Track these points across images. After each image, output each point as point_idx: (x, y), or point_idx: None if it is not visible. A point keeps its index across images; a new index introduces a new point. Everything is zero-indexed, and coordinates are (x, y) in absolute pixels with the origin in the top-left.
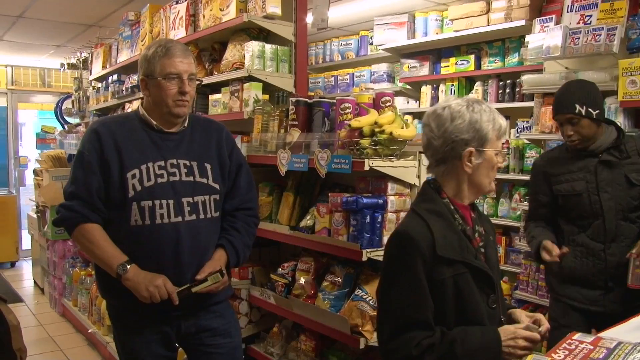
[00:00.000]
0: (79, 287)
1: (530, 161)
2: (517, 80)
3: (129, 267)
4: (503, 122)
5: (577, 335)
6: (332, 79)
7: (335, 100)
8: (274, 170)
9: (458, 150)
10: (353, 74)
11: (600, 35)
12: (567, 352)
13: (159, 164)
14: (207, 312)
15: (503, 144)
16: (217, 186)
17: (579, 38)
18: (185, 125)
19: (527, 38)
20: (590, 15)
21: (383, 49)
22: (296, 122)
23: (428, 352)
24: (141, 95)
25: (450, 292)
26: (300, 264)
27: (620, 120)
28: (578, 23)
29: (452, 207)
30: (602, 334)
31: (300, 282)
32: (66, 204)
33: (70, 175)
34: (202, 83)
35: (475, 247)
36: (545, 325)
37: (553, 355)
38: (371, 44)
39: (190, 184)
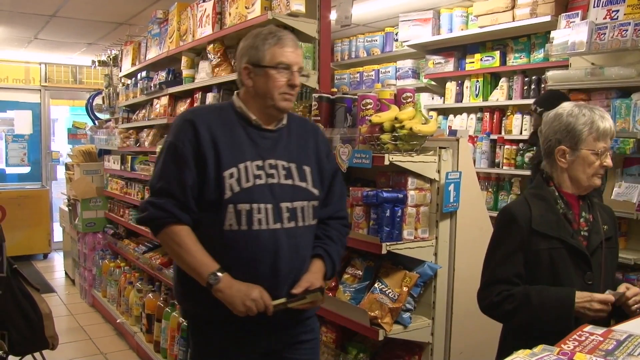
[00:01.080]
0: (108, 279)
1: None
2: (543, 76)
3: (221, 276)
4: (604, 124)
5: (589, 327)
6: (358, 75)
7: (357, 96)
8: None
9: (552, 147)
10: (378, 70)
11: (627, 30)
12: (576, 343)
13: (257, 164)
14: (302, 326)
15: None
16: (316, 192)
17: (605, 33)
18: (284, 122)
19: (553, 34)
20: (617, 10)
21: (408, 45)
22: (319, 118)
23: (508, 300)
24: (170, 92)
25: (545, 262)
26: None
27: None
28: (604, 18)
29: (557, 194)
30: (615, 327)
31: None
32: (155, 201)
33: (157, 169)
34: (228, 80)
35: (575, 229)
36: (633, 289)
37: (562, 345)
38: (396, 40)
39: (289, 188)
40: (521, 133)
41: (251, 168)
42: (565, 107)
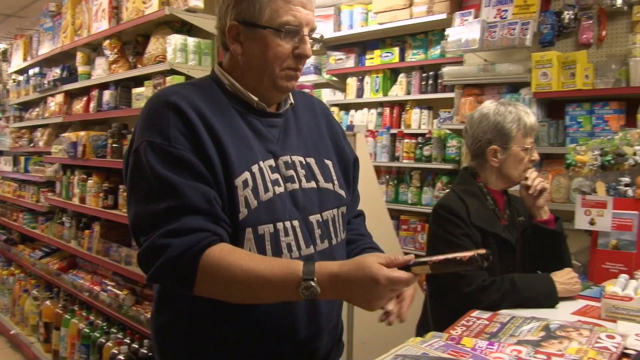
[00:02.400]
0: (1, 288)
1: (452, 151)
2: (439, 72)
3: (315, 282)
4: (529, 120)
5: (476, 312)
6: None
7: None
8: None
9: (483, 147)
10: None
11: (514, 29)
12: (464, 328)
13: (269, 164)
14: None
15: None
16: (343, 193)
17: (495, 32)
18: (291, 100)
19: (448, 31)
20: (506, 10)
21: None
22: None
23: (495, 285)
24: (65, 89)
25: None
26: None
27: (534, 110)
28: (495, 17)
29: (485, 190)
30: (501, 311)
31: None
32: (171, 228)
33: (142, 191)
34: (126, 77)
35: (504, 224)
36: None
37: (451, 331)
38: None
39: (314, 194)
40: (420, 127)
41: (267, 171)
42: (490, 106)
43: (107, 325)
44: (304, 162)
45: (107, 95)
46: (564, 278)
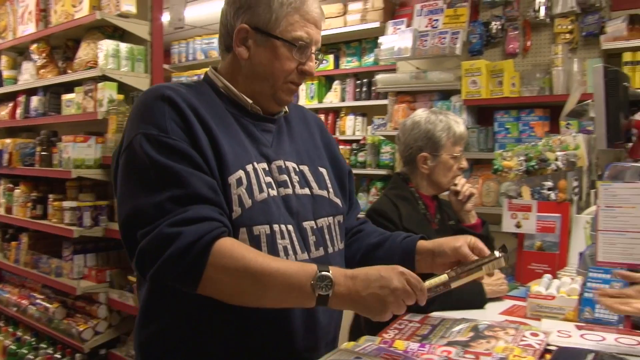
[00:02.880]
0: None
1: (386, 157)
2: (373, 79)
3: (331, 274)
4: (459, 129)
5: (408, 316)
6: (196, 77)
7: None
8: None
9: (414, 154)
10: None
11: (445, 38)
12: (396, 332)
13: (263, 167)
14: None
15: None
16: (339, 202)
17: (427, 40)
18: (286, 109)
19: (381, 39)
20: (437, 20)
21: None
22: None
23: None
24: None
25: None
26: None
27: (464, 116)
28: (426, 26)
29: (417, 195)
30: (432, 314)
31: None
32: (179, 218)
33: (144, 181)
34: (55, 82)
35: (434, 228)
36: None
37: (383, 334)
38: None
39: (308, 200)
40: (354, 133)
41: (260, 172)
42: (422, 115)
43: (36, 340)
44: (298, 169)
45: (35, 101)
46: (491, 280)
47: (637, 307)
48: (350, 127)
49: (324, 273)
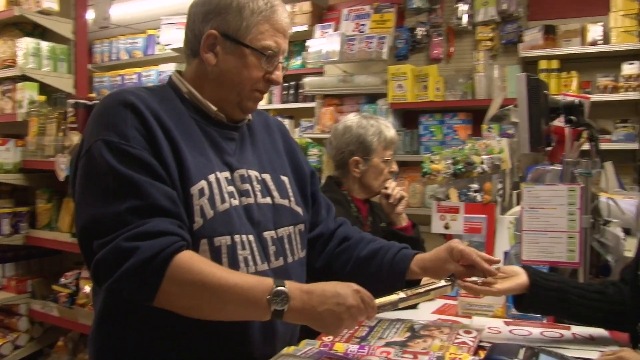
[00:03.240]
0: None
1: (314, 159)
2: (300, 82)
3: (286, 289)
4: (390, 133)
5: None
6: (119, 78)
7: None
8: (53, 175)
9: (346, 158)
10: (140, 73)
11: (372, 42)
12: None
13: (225, 176)
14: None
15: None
16: (301, 211)
17: (354, 45)
18: (249, 117)
19: (309, 42)
20: (364, 25)
21: (171, 49)
22: (76, 125)
23: None
24: None
25: None
26: (85, 272)
27: (390, 120)
28: (354, 31)
29: (349, 198)
30: None
31: (85, 290)
32: (138, 231)
33: (100, 191)
34: None
35: (367, 230)
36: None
37: (323, 338)
38: (159, 43)
39: (269, 210)
40: None
41: (223, 182)
42: (353, 119)
43: None
44: (260, 178)
45: None
46: (422, 280)
47: None
48: None
49: (280, 288)
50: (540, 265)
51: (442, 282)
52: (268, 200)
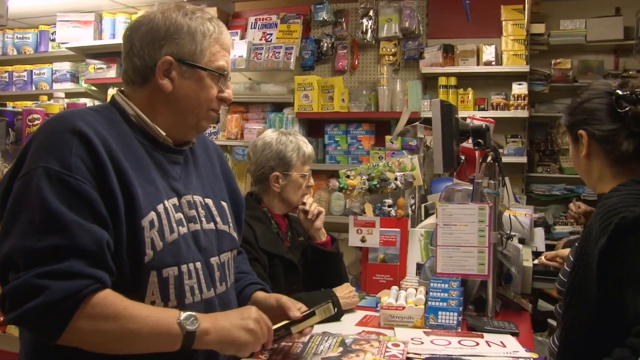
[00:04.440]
0: None
1: None
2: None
3: (195, 314)
4: (308, 149)
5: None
6: (7, 74)
7: (21, 110)
8: None
9: (267, 174)
10: (32, 70)
11: (279, 52)
12: (271, 352)
13: (173, 203)
14: None
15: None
16: (236, 236)
17: (261, 53)
18: (193, 140)
19: None
20: (271, 34)
21: (67, 48)
22: None
23: None
24: None
25: (270, 277)
26: None
27: (296, 128)
28: (261, 39)
29: (269, 215)
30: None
31: None
32: (50, 269)
33: (26, 219)
34: None
35: (287, 246)
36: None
37: (260, 356)
38: (53, 40)
39: (213, 235)
40: None
41: (171, 211)
42: (272, 135)
43: None
44: (204, 203)
45: None
46: (343, 293)
47: None
48: None
49: (188, 313)
50: (453, 277)
51: (322, 304)
52: (212, 226)
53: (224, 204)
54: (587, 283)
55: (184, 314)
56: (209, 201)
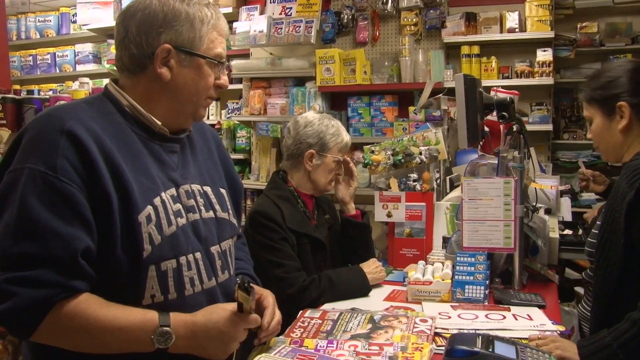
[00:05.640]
0: None
1: (242, 141)
2: (226, 63)
3: (170, 329)
4: (347, 138)
5: (308, 312)
6: (31, 58)
7: (48, 96)
8: None
9: (303, 150)
10: (54, 53)
11: (299, 26)
12: (302, 330)
13: (171, 194)
14: None
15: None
16: (236, 223)
17: (282, 28)
18: (190, 127)
19: (235, 25)
20: (291, 8)
21: (88, 29)
22: (4, 122)
23: (312, 284)
24: None
25: (300, 252)
26: None
27: (319, 102)
28: (280, 14)
29: (296, 194)
30: (326, 308)
31: None
32: (20, 276)
33: (7, 219)
34: None
35: (313, 224)
36: None
37: (291, 334)
38: (74, 22)
39: (213, 224)
40: (208, 118)
41: (169, 203)
42: (315, 116)
43: None
44: (202, 191)
45: None
46: (370, 268)
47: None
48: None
49: (164, 329)
50: (479, 251)
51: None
52: (211, 214)
53: (222, 191)
54: (615, 237)
55: (159, 330)
56: (208, 189)
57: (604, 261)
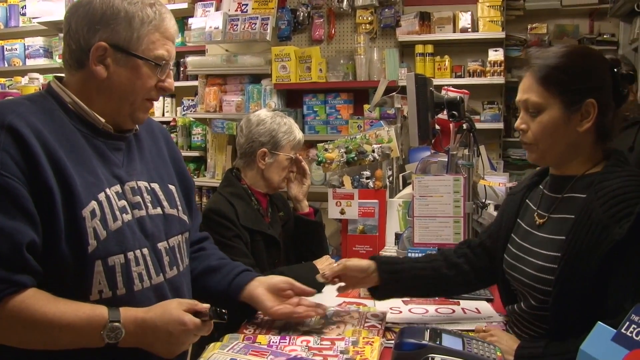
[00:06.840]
0: None
1: (197, 138)
2: (182, 60)
3: (120, 324)
4: (299, 136)
5: None
6: None
7: None
8: None
9: (255, 148)
10: (3, 46)
11: (255, 23)
12: (255, 326)
13: (116, 191)
14: None
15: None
16: (186, 219)
17: (237, 25)
18: (136, 126)
19: (190, 21)
20: (247, 5)
21: (39, 22)
22: None
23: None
24: None
25: (254, 250)
26: None
27: (275, 100)
28: (236, 10)
29: (249, 192)
30: None
31: None
32: None
33: None
34: None
35: (267, 222)
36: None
37: (244, 331)
38: (23, 14)
39: (160, 220)
40: (163, 115)
41: (114, 199)
42: (267, 114)
43: None
44: (149, 188)
45: None
46: (324, 265)
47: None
48: (159, 108)
49: (114, 324)
50: (430, 247)
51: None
52: (159, 210)
53: (171, 187)
54: (586, 270)
55: (109, 325)
56: (155, 186)
57: (563, 297)
